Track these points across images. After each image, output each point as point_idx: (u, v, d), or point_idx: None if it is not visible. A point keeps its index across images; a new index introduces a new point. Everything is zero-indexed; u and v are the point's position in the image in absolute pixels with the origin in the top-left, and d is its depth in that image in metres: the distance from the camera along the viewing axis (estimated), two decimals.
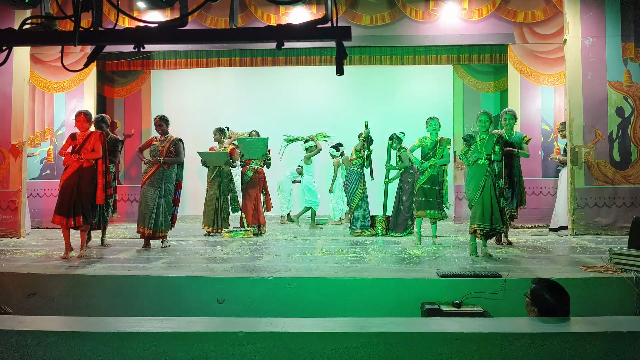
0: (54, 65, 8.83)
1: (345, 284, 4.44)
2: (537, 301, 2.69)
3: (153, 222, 6.29)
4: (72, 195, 5.66)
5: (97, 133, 5.93)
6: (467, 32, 8.45)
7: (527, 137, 6.65)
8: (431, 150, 6.66)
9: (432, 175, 6.61)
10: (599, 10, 7.55)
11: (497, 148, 5.63)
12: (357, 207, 7.59)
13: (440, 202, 6.64)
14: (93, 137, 5.86)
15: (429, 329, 2.35)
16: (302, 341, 2.24)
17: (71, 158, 5.82)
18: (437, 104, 9.97)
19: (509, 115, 6.53)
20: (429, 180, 6.61)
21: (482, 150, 5.64)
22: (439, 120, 6.77)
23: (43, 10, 2.69)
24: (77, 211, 5.66)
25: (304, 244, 6.81)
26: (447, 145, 6.69)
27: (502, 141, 5.76)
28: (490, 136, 5.69)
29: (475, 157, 5.66)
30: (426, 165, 6.61)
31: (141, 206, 6.36)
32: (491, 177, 5.59)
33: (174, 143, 6.47)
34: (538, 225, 8.46)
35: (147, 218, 6.29)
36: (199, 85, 10.97)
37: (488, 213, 5.47)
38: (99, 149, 5.83)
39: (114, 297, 4.55)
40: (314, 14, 8.37)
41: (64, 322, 2.60)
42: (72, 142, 5.90)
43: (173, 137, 6.52)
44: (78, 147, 5.82)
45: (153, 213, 6.28)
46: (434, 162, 6.59)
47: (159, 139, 6.53)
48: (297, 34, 2.48)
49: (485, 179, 5.55)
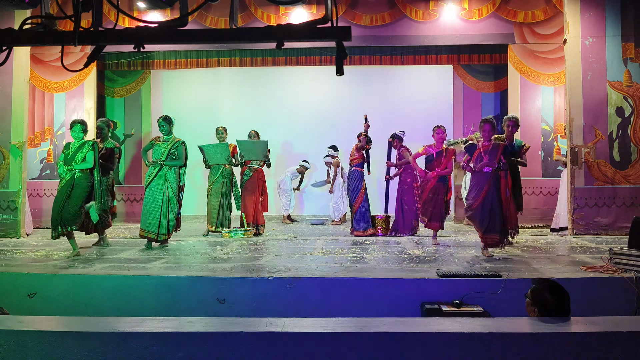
0: (54, 65, 8.83)
1: (345, 284, 4.44)
2: (537, 301, 2.69)
3: (156, 226, 6.30)
4: (62, 206, 5.68)
5: (88, 142, 5.91)
6: (467, 32, 8.45)
7: (527, 146, 6.41)
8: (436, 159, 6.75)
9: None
10: (599, 10, 7.55)
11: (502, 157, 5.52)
12: (359, 207, 7.58)
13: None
14: (85, 147, 5.84)
15: (429, 329, 2.35)
16: (302, 341, 2.24)
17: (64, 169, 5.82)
18: (437, 104, 9.98)
19: (512, 122, 6.16)
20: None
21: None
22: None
23: (43, 10, 2.69)
24: (64, 220, 5.67)
25: (304, 244, 6.81)
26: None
27: (507, 151, 5.63)
28: (494, 144, 5.56)
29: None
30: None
31: (144, 209, 6.37)
32: (495, 186, 5.47)
33: (176, 145, 6.47)
34: (538, 225, 8.46)
35: (149, 221, 6.31)
36: (199, 85, 10.97)
37: (485, 222, 5.44)
38: (90, 159, 5.81)
39: (114, 297, 4.55)
40: (314, 14, 8.37)
41: (64, 322, 2.59)
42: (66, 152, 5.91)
43: (176, 139, 6.52)
44: (70, 157, 5.80)
45: (156, 216, 6.30)
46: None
47: (162, 140, 6.54)
48: (297, 34, 2.48)
49: (488, 188, 5.45)
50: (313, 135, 10.50)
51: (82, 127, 5.92)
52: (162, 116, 6.68)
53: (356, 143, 7.82)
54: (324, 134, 10.18)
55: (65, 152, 5.89)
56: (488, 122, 5.61)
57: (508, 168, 5.62)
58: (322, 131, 10.34)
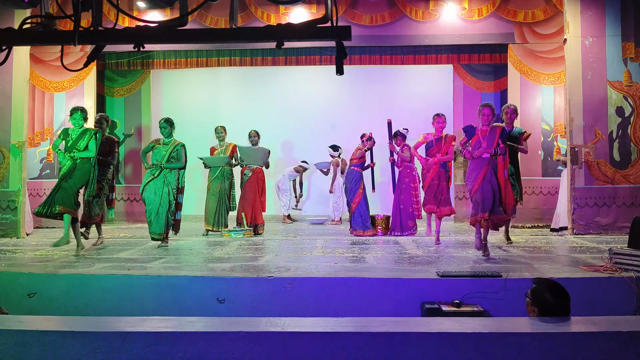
0: (53, 64, 8.83)
1: (345, 284, 4.44)
2: (537, 301, 2.69)
3: (157, 227, 6.35)
4: (59, 185, 5.62)
5: (90, 130, 5.89)
6: (467, 31, 8.45)
7: (527, 133, 6.59)
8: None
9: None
10: (599, 9, 7.55)
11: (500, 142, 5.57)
12: (357, 207, 7.57)
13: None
14: (87, 135, 5.82)
15: (429, 328, 2.35)
16: (302, 341, 2.24)
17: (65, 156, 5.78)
18: (437, 104, 9.94)
19: (511, 109, 6.50)
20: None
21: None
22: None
23: (43, 9, 2.69)
24: (55, 199, 5.56)
25: (304, 243, 6.81)
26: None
27: (505, 135, 5.67)
28: (492, 128, 5.61)
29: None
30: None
31: (146, 212, 6.43)
32: (493, 169, 5.53)
33: (176, 148, 6.48)
34: (538, 225, 8.46)
35: (151, 223, 6.38)
36: (199, 85, 10.96)
37: (489, 203, 5.42)
38: (92, 148, 5.79)
39: (114, 296, 4.55)
40: (314, 13, 8.37)
41: (64, 322, 2.59)
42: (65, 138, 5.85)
43: (177, 142, 6.53)
44: (71, 144, 5.77)
45: (156, 218, 6.35)
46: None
47: (163, 142, 6.54)
48: (297, 33, 2.48)
49: (487, 170, 5.49)
50: (313, 134, 10.49)
51: (83, 115, 5.90)
52: (164, 118, 6.68)
53: (359, 145, 7.79)
54: (324, 134, 10.16)
55: (65, 138, 5.85)
56: (487, 106, 5.69)
57: (505, 152, 5.68)
58: (322, 131, 10.33)
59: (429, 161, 6.80)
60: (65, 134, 5.90)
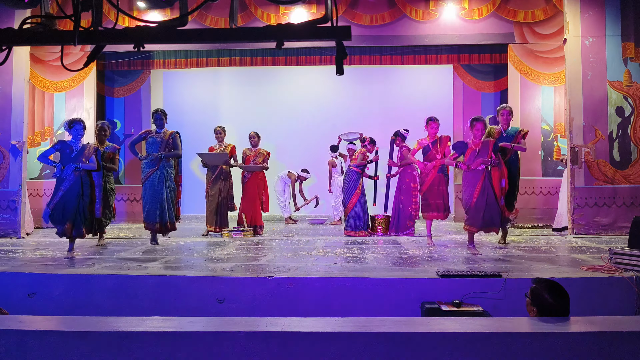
0: (53, 64, 8.83)
1: (345, 284, 4.44)
2: (537, 301, 2.69)
3: (159, 216, 6.41)
4: (78, 204, 5.71)
5: (92, 146, 5.94)
6: (467, 31, 8.45)
7: (524, 130, 6.40)
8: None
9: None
10: (598, 9, 7.55)
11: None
12: (353, 208, 7.54)
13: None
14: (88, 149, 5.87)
15: (429, 328, 2.35)
16: (302, 341, 2.24)
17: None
18: (437, 104, 9.96)
19: (507, 111, 6.42)
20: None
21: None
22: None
23: (43, 9, 2.69)
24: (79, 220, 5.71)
25: (304, 243, 6.81)
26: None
27: (497, 147, 5.86)
28: (484, 142, 5.79)
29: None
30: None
31: (147, 204, 6.45)
32: (488, 180, 5.71)
33: (172, 136, 6.54)
34: (538, 225, 8.46)
35: (153, 213, 6.41)
36: (199, 85, 10.97)
37: (479, 219, 5.69)
38: (95, 162, 5.86)
39: (114, 297, 4.55)
40: (314, 13, 8.37)
41: (64, 322, 2.59)
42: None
43: (170, 131, 6.60)
44: (74, 157, 5.78)
45: (158, 208, 6.39)
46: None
47: (155, 132, 6.59)
48: (297, 33, 2.48)
49: (483, 182, 5.68)
50: (313, 134, 10.50)
51: (83, 126, 5.96)
52: (160, 109, 6.75)
53: (362, 149, 7.79)
54: (323, 134, 10.17)
55: (66, 151, 5.87)
56: (479, 121, 5.88)
57: (499, 163, 5.82)
58: (321, 131, 10.33)
59: (427, 166, 6.77)
60: (63, 145, 5.89)
